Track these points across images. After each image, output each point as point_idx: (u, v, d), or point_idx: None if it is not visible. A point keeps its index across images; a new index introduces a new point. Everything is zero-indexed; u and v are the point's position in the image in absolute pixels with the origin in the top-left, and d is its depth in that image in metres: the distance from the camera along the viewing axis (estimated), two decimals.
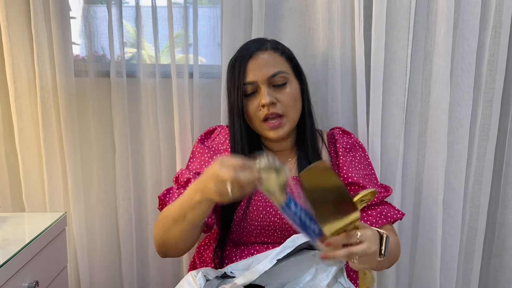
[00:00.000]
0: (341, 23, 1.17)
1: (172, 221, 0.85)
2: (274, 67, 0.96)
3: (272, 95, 0.95)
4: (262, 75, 0.95)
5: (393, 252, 0.92)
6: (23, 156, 1.19)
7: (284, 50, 1.01)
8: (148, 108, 1.23)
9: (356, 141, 1.08)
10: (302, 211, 0.68)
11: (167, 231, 0.87)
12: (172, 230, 0.86)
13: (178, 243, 0.89)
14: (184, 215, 0.82)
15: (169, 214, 0.86)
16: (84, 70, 1.21)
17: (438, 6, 1.15)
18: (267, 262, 0.78)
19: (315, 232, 0.69)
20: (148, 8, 1.17)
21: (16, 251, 0.85)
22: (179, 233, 0.86)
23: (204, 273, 0.79)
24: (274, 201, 0.68)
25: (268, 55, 0.97)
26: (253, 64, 0.96)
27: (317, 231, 0.69)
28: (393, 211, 0.99)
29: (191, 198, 0.79)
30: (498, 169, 1.27)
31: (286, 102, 0.96)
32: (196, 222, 0.83)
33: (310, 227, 0.69)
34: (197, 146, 1.05)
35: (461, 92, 1.20)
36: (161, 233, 0.89)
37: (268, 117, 0.96)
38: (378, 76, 1.16)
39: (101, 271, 1.30)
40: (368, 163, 1.04)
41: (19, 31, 1.15)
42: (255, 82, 0.96)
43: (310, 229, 0.69)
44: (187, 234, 0.87)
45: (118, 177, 1.25)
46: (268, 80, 0.96)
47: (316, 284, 0.82)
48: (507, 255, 1.27)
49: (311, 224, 0.69)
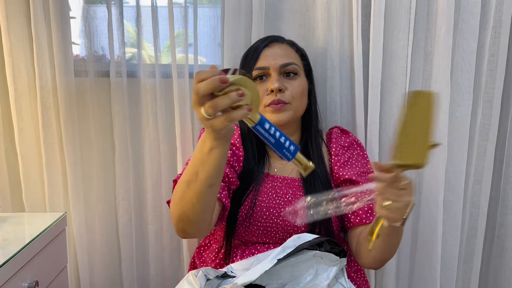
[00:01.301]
0: (340, 22, 1.17)
1: (186, 185, 0.77)
2: (288, 58, 1.00)
3: (281, 83, 0.97)
4: (275, 63, 0.98)
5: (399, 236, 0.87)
6: (23, 156, 1.19)
7: (298, 48, 1.06)
8: (148, 108, 1.23)
9: (354, 139, 1.08)
10: (277, 130, 0.66)
11: (182, 199, 0.80)
12: (186, 196, 0.78)
13: (195, 211, 0.80)
14: (197, 174, 0.75)
15: (182, 180, 0.80)
16: (84, 70, 1.21)
17: (438, 6, 1.15)
18: (268, 262, 0.78)
19: (291, 151, 0.67)
20: (148, 8, 1.16)
21: (16, 251, 0.85)
22: (195, 198, 0.77)
23: (204, 273, 0.79)
24: (246, 120, 0.64)
25: (284, 48, 1.02)
26: (268, 52, 1.00)
27: (293, 149, 0.67)
28: None
29: (201, 151, 0.73)
30: (498, 169, 1.27)
31: (294, 92, 0.98)
32: (208, 178, 0.75)
33: (285, 146, 0.67)
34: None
35: (461, 92, 1.20)
36: (176, 205, 0.82)
37: (273, 102, 0.96)
38: (376, 76, 1.16)
39: (101, 271, 1.30)
40: (366, 162, 1.04)
41: (19, 31, 1.15)
42: (267, 68, 0.98)
43: (286, 148, 0.67)
44: (202, 197, 0.78)
45: (118, 177, 1.25)
46: (280, 68, 0.98)
47: (316, 284, 0.82)
48: (507, 255, 1.27)
49: (286, 142, 0.67)
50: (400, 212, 0.71)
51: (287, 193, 0.97)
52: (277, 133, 0.66)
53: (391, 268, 1.26)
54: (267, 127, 0.66)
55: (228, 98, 0.60)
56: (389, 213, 0.71)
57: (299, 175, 1.01)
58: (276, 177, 1.00)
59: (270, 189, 0.98)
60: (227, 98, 0.60)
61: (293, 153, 0.67)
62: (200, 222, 0.84)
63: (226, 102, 0.60)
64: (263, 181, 0.99)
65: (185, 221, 0.83)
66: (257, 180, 0.98)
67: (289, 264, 0.84)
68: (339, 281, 0.85)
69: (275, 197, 0.96)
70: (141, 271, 1.32)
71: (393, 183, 0.69)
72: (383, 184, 0.70)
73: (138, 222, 1.29)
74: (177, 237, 1.29)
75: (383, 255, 0.90)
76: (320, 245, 0.87)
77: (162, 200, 1.27)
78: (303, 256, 0.85)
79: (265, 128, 0.66)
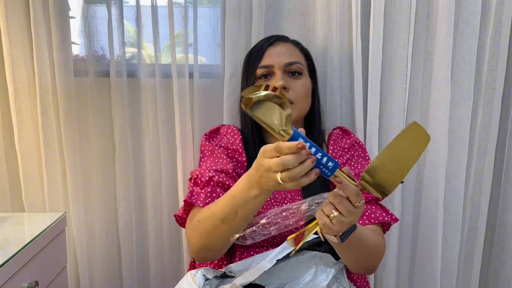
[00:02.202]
0: (340, 22, 1.17)
1: (219, 221, 0.78)
2: (292, 57, 1.00)
3: (286, 81, 0.96)
4: (280, 61, 0.98)
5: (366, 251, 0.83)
6: (23, 156, 1.19)
7: (303, 48, 1.06)
8: (148, 108, 1.23)
9: (356, 140, 1.07)
10: (313, 146, 0.63)
11: (211, 232, 0.81)
12: (219, 231, 0.79)
13: (225, 244, 0.83)
14: (236, 213, 0.75)
15: (212, 215, 0.80)
16: (84, 70, 1.21)
17: (438, 6, 1.15)
18: (267, 262, 0.78)
19: (329, 167, 0.63)
20: (148, 8, 1.16)
21: (15, 251, 0.85)
22: (229, 233, 0.77)
23: (203, 273, 0.79)
24: (277, 135, 0.62)
25: (289, 47, 1.02)
26: (273, 51, 0.99)
27: (331, 166, 0.63)
28: (380, 213, 0.92)
29: (246, 194, 0.72)
30: (498, 169, 1.27)
31: (299, 91, 0.98)
32: (248, 218, 0.76)
33: (322, 162, 0.63)
34: (206, 145, 1.03)
35: (461, 92, 1.20)
36: (203, 236, 0.82)
37: None
38: (376, 76, 1.16)
39: (101, 271, 1.30)
40: (366, 163, 1.03)
41: (18, 31, 1.15)
42: (272, 66, 0.98)
43: (323, 165, 0.63)
44: (237, 231, 0.77)
45: (118, 177, 1.25)
46: (284, 67, 0.98)
47: (316, 285, 0.82)
48: (507, 255, 1.27)
49: (323, 158, 0.63)
50: (341, 227, 0.67)
51: (285, 198, 0.96)
52: (312, 148, 0.62)
53: (391, 268, 1.26)
54: (301, 139, 0.62)
55: (305, 168, 0.62)
56: (330, 224, 0.67)
57: None
58: None
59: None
60: (305, 168, 0.62)
61: (331, 170, 0.64)
62: (223, 249, 0.86)
63: (303, 172, 0.62)
64: None
65: (209, 251, 0.85)
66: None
67: (288, 264, 0.84)
68: (339, 281, 0.85)
69: (273, 202, 0.95)
70: (141, 271, 1.32)
71: (354, 197, 0.65)
72: (340, 194, 0.66)
73: (138, 222, 1.29)
74: (177, 237, 1.29)
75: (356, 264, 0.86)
76: (320, 245, 0.87)
77: (162, 200, 1.27)
78: (302, 256, 0.85)
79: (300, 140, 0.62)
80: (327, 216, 0.67)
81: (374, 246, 0.85)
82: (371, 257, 0.87)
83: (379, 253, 0.88)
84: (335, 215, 0.66)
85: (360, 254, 0.83)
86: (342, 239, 0.70)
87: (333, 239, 0.71)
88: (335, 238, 0.70)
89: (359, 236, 0.77)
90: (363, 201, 0.66)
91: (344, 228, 0.68)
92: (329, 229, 0.68)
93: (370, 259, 0.87)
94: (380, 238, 0.89)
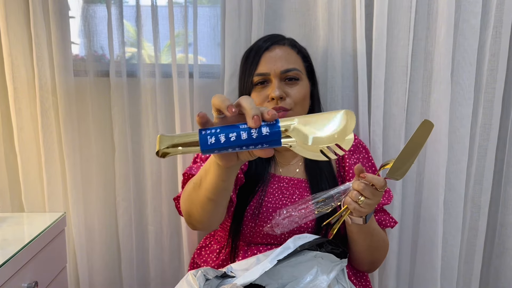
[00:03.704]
0: (342, 22, 1.17)
1: (192, 186, 0.82)
2: (289, 63, 0.98)
3: (283, 89, 0.96)
4: (276, 68, 0.96)
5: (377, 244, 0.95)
6: (22, 156, 1.19)
7: (300, 50, 1.04)
8: (148, 108, 1.23)
9: (360, 142, 1.07)
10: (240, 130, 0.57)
11: (188, 199, 0.84)
12: (192, 198, 0.83)
13: (199, 215, 0.84)
14: (201, 180, 0.77)
15: (192, 180, 0.84)
16: (84, 69, 1.21)
17: (438, 5, 1.14)
18: (268, 262, 0.78)
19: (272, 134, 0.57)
20: (148, 8, 1.16)
21: (15, 251, 0.85)
22: (198, 204, 0.81)
23: (203, 273, 0.78)
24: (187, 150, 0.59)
25: (285, 50, 0.99)
26: (269, 57, 0.98)
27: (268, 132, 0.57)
28: (388, 218, 1.01)
29: (206, 165, 0.75)
30: (499, 169, 1.27)
31: (295, 97, 0.97)
32: (211, 191, 0.75)
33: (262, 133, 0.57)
34: None
35: (462, 92, 1.19)
36: (185, 201, 0.87)
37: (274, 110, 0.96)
38: (379, 76, 1.16)
39: (101, 271, 1.30)
40: (371, 164, 1.04)
41: (18, 30, 1.15)
42: (268, 74, 0.97)
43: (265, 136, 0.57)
44: (204, 206, 0.80)
45: (117, 177, 1.25)
46: (281, 74, 0.97)
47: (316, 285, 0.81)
48: (507, 255, 1.26)
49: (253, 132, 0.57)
50: (369, 209, 0.81)
51: (293, 194, 0.96)
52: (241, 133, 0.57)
53: (391, 268, 1.26)
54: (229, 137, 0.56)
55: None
56: (359, 207, 0.79)
57: (305, 176, 1.00)
58: (282, 178, 1.00)
59: (276, 190, 0.97)
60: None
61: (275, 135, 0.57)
62: (206, 223, 0.87)
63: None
64: (269, 182, 0.98)
65: (192, 218, 0.88)
66: (263, 181, 0.98)
67: (289, 264, 0.84)
68: (340, 282, 0.85)
69: (281, 198, 0.96)
70: (141, 271, 1.32)
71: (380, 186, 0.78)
72: (363, 182, 0.78)
73: (138, 222, 1.29)
74: (177, 237, 1.29)
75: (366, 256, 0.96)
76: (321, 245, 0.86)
77: (162, 200, 1.26)
78: (303, 256, 0.85)
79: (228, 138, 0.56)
80: (356, 202, 0.79)
81: (382, 239, 0.96)
82: (379, 249, 0.97)
83: (385, 247, 0.99)
84: (362, 200, 0.79)
85: (373, 243, 0.93)
86: (366, 220, 0.84)
87: (359, 221, 0.84)
88: (361, 220, 0.84)
89: (373, 226, 0.91)
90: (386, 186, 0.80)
91: (372, 209, 0.82)
92: (359, 212, 0.81)
93: (378, 251, 0.97)
94: (385, 235, 1.00)
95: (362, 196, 0.79)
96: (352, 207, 0.80)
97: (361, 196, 0.79)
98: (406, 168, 0.76)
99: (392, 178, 0.77)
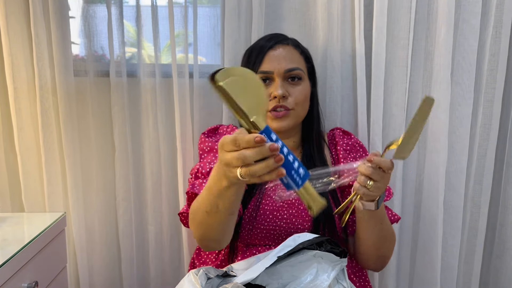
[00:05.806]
0: (341, 22, 1.17)
1: (206, 215, 0.77)
2: (293, 62, 0.98)
3: (285, 88, 0.96)
4: (280, 67, 0.97)
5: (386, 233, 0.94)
6: (22, 156, 1.19)
7: (303, 50, 1.05)
8: (148, 108, 1.23)
9: (357, 141, 1.08)
10: (284, 146, 0.57)
11: (203, 224, 0.81)
12: (207, 223, 0.79)
13: (217, 234, 0.83)
14: (217, 206, 0.74)
15: (199, 208, 0.79)
16: (84, 69, 1.21)
17: (438, 5, 1.15)
18: (268, 259, 0.78)
19: (300, 175, 0.58)
20: (148, 8, 1.16)
21: (15, 251, 0.85)
22: (216, 225, 0.79)
23: (205, 272, 0.78)
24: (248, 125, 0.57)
25: (289, 50, 1.00)
26: (273, 55, 0.98)
27: (302, 173, 0.58)
28: (391, 213, 1.01)
29: (218, 185, 0.69)
30: (498, 169, 1.27)
31: (298, 97, 0.97)
32: (230, 208, 0.75)
33: (294, 167, 0.57)
34: (205, 141, 1.03)
35: (461, 92, 1.20)
36: (197, 228, 0.84)
37: (276, 108, 0.96)
38: (379, 76, 1.16)
39: (101, 271, 1.30)
40: None
41: (18, 30, 1.15)
42: (271, 72, 0.97)
43: (294, 170, 0.57)
44: (224, 224, 0.79)
45: (117, 177, 1.25)
46: (284, 73, 0.97)
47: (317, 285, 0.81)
48: (507, 256, 1.26)
49: (295, 162, 0.57)
50: (379, 191, 0.80)
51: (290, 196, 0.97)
52: (284, 148, 0.56)
53: (391, 268, 1.26)
54: (274, 138, 0.56)
55: (266, 167, 0.56)
56: (368, 191, 0.79)
57: None
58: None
59: (274, 192, 0.97)
60: (266, 167, 0.56)
61: (302, 178, 0.58)
62: (223, 240, 0.86)
63: (264, 171, 0.57)
64: (266, 184, 0.98)
65: (208, 241, 0.86)
66: (260, 183, 0.97)
67: (289, 264, 0.84)
68: (340, 282, 0.85)
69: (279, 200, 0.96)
70: (141, 271, 1.32)
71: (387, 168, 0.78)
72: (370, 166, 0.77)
73: (138, 223, 1.29)
74: (177, 237, 1.29)
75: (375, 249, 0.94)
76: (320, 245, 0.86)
77: (162, 200, 1.26)
78: (303, 256, 0.85)
79: (272, 139, 0.56)
80: (364, 187, 0.78)
81: (391, 229, 0.95)
82: (387, 239, 0.95)
83: (393, 238, 0.97)
84: (370, 184, 0.78)
85: (382, 231, 0.92)
86: (378, 205, 0.83)
87: (371, 207, 0.83)
88: (373, 205, 0.83)
89: (383, 212, 0.90)
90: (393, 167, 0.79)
91: (381, 191, 0.80)
92: (369, 196, 0.80)
93: (387, 242, 0.95)
94: (392, 227, 0.98)
95: (370, 180, 0.78)
96: (362, 192, 0.80)
97: (370, 180, 0.78)
98: (411, 146, 0.76)
99: (399, 158, 0.77)
